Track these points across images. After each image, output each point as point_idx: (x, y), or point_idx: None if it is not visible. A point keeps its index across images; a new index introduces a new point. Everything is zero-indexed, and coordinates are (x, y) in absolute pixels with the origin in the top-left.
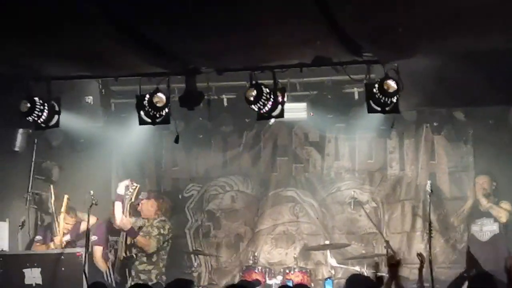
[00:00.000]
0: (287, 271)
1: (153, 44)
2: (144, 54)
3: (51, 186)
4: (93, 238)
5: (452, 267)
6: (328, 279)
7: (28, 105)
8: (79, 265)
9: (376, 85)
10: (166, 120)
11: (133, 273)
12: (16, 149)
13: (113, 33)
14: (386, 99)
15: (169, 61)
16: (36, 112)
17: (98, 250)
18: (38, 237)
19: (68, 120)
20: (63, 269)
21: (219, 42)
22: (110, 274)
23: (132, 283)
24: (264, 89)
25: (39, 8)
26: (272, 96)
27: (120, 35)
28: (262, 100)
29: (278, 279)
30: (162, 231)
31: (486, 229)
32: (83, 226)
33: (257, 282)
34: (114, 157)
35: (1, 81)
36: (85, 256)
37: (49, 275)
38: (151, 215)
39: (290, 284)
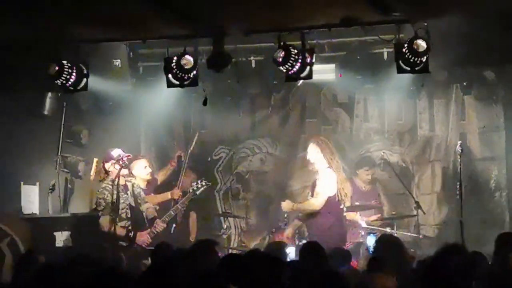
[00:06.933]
0: None
1: (181, 6)
2: (172, 16)
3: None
4: None
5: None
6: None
7: (56, 68)
8: None
9: (406, 45)
10: (194, 83)
11: None
12: (46, 112)
13: None
14: (416, 59)
15: (196, 23)
16: (65, 75)
17: None
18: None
19: (96, 83)
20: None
21: (246, 3)
22: None
23: None
24: (292, 50)
25: None
26: (300, 57)
27: None
28: (290, 62)
29: None
30: None
31: None
32: None
33: (284, 243)
34: (142, 120)
35: (30, 45)
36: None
37: (79, 237)
38: None
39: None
